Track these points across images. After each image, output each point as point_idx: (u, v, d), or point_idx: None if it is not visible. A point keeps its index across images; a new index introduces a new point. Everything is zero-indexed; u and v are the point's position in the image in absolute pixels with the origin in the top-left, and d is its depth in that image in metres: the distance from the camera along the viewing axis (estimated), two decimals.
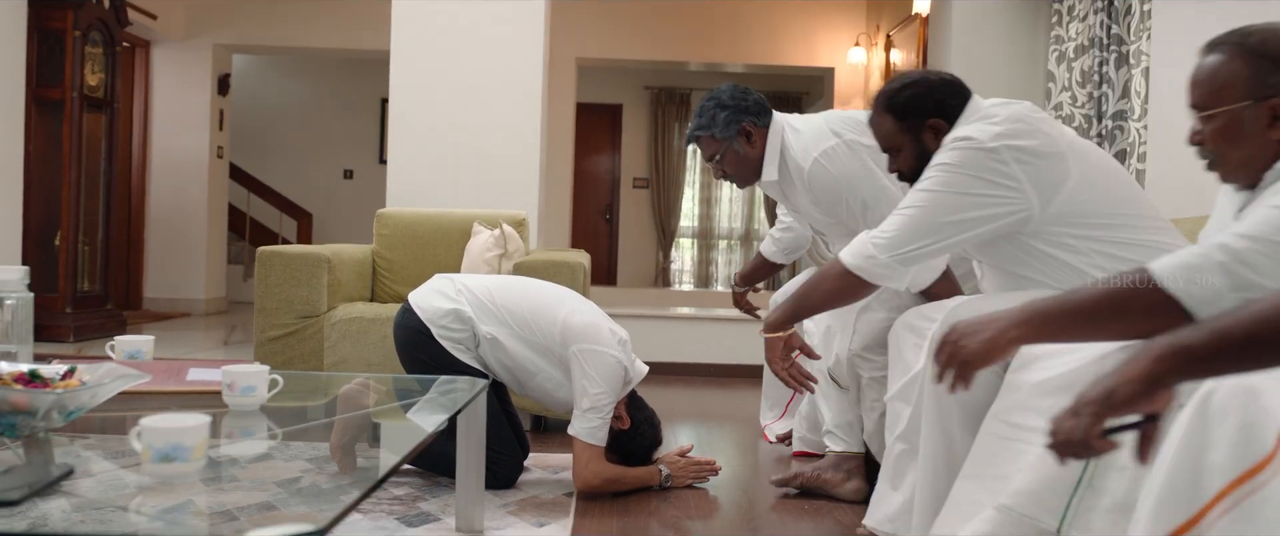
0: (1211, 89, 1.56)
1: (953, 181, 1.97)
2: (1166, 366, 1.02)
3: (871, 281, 2.06)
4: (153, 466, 1.33)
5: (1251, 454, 0.97)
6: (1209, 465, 1.00)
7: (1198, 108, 1.59)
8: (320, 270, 3.48)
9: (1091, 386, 1.07)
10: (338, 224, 9.28)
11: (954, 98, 2.15)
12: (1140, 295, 1.33)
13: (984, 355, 1.40)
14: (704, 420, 3.95)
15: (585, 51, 7.60)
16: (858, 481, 2.75)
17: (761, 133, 2.73)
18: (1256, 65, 1.52)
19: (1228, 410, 0.99)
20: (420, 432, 1.84)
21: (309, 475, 1.66)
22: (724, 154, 2.74)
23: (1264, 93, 1.52)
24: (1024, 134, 1.97)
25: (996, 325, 1.40)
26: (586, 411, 2.55)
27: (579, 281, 3.42)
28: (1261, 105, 1.51)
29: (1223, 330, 1.00)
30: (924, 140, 2.16)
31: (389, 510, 2.46)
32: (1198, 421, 1.03)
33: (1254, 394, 0.99)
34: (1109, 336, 1.41)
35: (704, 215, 10.42)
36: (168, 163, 7.51)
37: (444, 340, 2.63)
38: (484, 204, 4.50)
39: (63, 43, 5.47)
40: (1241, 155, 1.54)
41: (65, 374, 1.63)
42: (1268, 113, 1.51)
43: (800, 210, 2.82)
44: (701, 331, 5.27)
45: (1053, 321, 1.38)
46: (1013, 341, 1.39)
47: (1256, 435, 0.96)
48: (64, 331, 5.44)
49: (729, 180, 2.82)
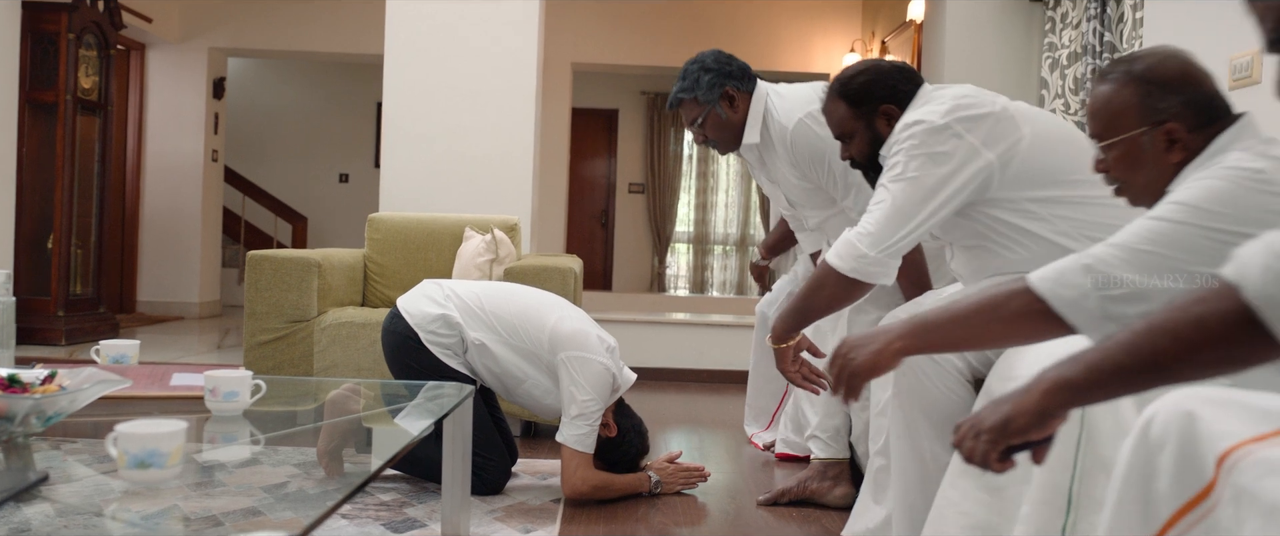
0: (1107, 119, 1.63)
1: (915, 165, 2.00)
2: (1053, 400, 1.08)
3: (867, 281, 2.06)
4: (129, 472, 1.32)
5: (1194, 481, 0.98)
6: (1155, 494, 1.02)
7: (1098, 138, 1.65)
8: (310, 275, 3.47)
9: (990, 411, 1.12)
10: (333, 228, 9.27)
11: (906, 84, 2.18)
12: (1014, 299, 1.39)
13: (870, 367, 1.46)
14: (695, 426, 3.94)
15: (581, 56, 7.60)
16: (844, 486, 2.75)
17: (744, 97, 2.72)
18: (1145, 91, 1.58)
19: (1166, 439, 1.01)
20: (406, 438, 1.83)
21: (296, 480, 1.66)
22: (706, 118, 2.73)
23: (1157, 118, 1.58)
24: (970, 105, 2.02)
25: (883, 338, 1.46)
26: (574, 418, 2.55)
27: (570, 287, 3.41)
28: (1157, 130, 1.58)
29: (1096, 363, 1.05)
30: (877, 127, 2.20)
31: (375, 516, 2.45)
32: (1140, 450, 1.05)
33: (1191, 419, 1.00)
34: (990, 342, 1.48)
35: (699, 220, 10.42)
36: (162, 166, 7.50)
37: (432, 345, 2.62)
38: (477, 208, 4.49)
39: (57, 45, 5.46)
40: (1144, 180, 1.61)
41: (45, 379, 1.62)
42: (1164, 137, 1.57)
43: (777, 180, 2.80)
44: (696, 337, 5.26)
45: (935, 331, 1.44)
46: (898, 352, 1.45)
47: (1195, 463, 0.98)
48: (56, 334, 5.43)
49: (710, 145, 2.80)
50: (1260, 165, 1.48)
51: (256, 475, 1.70)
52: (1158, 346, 1.00)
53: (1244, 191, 1.45)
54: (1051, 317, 1.39)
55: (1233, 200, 1.45)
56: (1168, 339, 0.99)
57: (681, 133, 10.17)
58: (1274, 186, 1.45)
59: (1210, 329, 0.96)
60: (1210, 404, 1.00)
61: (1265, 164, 1.48)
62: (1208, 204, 1.45)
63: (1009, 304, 1.40)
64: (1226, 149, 1.54)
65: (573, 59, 7.58)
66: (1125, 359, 1.03)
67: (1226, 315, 0.95)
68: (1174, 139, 1.57)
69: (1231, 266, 0.96)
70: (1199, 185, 1.49)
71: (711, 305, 9.03)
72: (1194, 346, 0.98)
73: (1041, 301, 1.38)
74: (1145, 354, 1.01)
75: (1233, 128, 1.57)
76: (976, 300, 1.43)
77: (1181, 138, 1.57)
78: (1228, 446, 0.95)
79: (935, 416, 1.95)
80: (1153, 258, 1.42)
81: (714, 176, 10.40)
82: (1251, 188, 1.45)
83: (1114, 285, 1.39)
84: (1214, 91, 1.60)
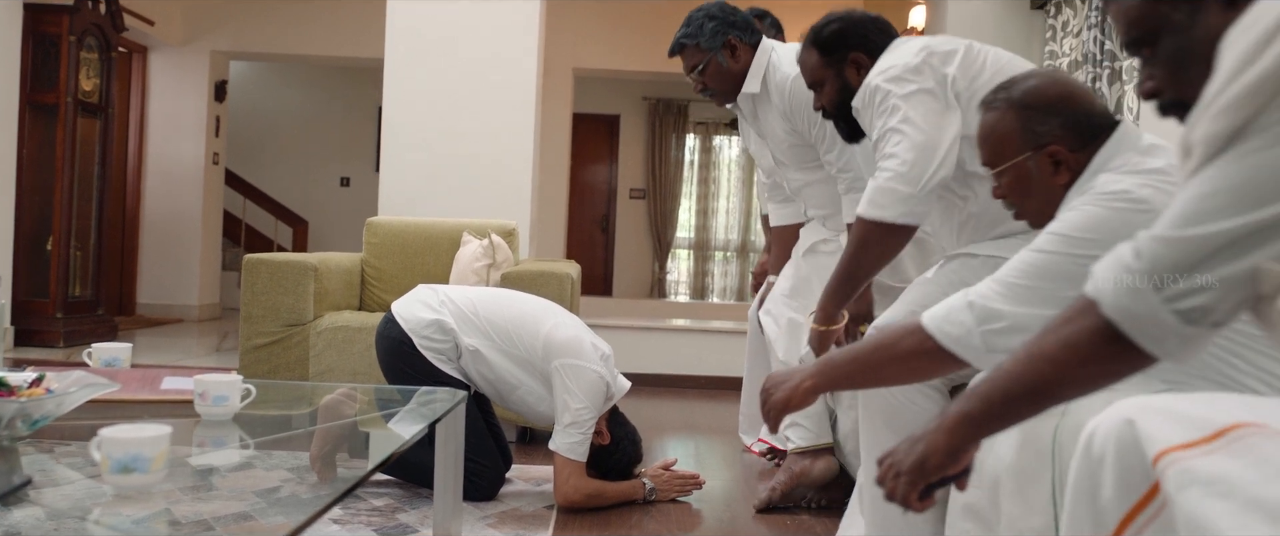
0: (993, 146, 1.68)
1: (914, 102, 2.00)
2: (959, 436, 1.12)
3: (912, 222, 2.03)
4: (112, 476, 1.31)
5: (1138, 484, 0.99)
6: (1103, 505, 1.03)
7: (988, 166, 1.70)
8: (306, 278, 3.47)
9: (906, 452, 1.16)
10: (334, 232, 9.27)
11: (878, 35, 2.20)
12: (907, 337, 1.46)
13: (785, 404, 1.53)
14: (691, 433, 3.93)
15: (582, 61, 7.59)
16: (826, 460, 2.77)
17: (747, 50, 2.72)
18: (1026, 117, 1.63)
19: (1105, 451, 1.03)
20: (398, 442, 1.83)
21: (289, 485, 1.65)
22: (707, 65, 2.72)
23: (1039, 142, 1.62)
24: (938, 45, 2.07)
25: (797, 377, 1.53)
26: (568, 426, 2.54)
27: (567, 292, 3.40)
28: (1041, 154, 1.62)
29: (988, 395, 1.09)
30: (846, 75, 2.21)
31: (367, 521, 2.44)
32: (1084, 464, 1.06)
33: (1130, 427, 1.01)
34: (892, 380, 1.58)
35: (701, 226, 10.41)
36: (163, 168, 7.49)
37: (426, 351, 2.61)
38: (477, 213, 4.48)
39: (58, 47, 5.46)
40: (1036, 204, 1.66)
41: (33, 382, 1.61)
42: (1048, 160, 1.62)
43: (766, 134, 2.80)
44: (695, 343, 5.25)
45: (840, 370, 1.51)
46: (809, 391, 1.52)
47: (1136, 466, 1.00)
48: (54, 336, 5.42)
49: (708, 94, 2.80)
50: (1125, 185, 1.52)
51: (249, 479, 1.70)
52: (1038, 372, 1.03)
53: (1112, 214, 1.50)
54: (943, 353, 1.45)
55: (1101, 225, 1.50)
56: (1045, 363, 1.03)
57: (683, 138, 10.17)
58: (1141, 204, 1.50)
59: (1079, 348, 0.99)
60: (1149, 411, 1.01)
61: (1130, 182, 1.53)
62: (1077, 232, 1.50)
63: (902, 343, 1.47)
64: (1104, 165, 1.59)
65: (574, 64, 7.58)
66: (1013, 387, 1.06)
67: (1090, 332, 0.98)
68: (1058, 160, 1.62)
69: (1090, 282, 0.99)
70: (1071, 214, 1.54)
71: (712, 311, 9.02)
72: (1068, 366, 1.01)
73: (931, 339, 1.45)
74: (1028, 381, 1.05)
75: (1110, 142, 1.61)
76: (876, 340, 1.50)
77: (1065, 159, 1.62)
78: (1158, 450, 0.97)
79: (897, 425, 1.96)
80: (1027, 291, 1.47)
81: (715, 182, 10.39)
82: (1120, 209, 1.50)
83: (994, 319, 1.45)
84: (1093, 108, 1.63)
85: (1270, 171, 0.84)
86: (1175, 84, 1.04)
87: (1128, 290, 0.94)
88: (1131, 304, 0.94)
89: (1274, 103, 0.83)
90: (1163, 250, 0.91)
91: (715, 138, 10.34)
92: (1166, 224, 0.92)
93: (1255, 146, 0.85)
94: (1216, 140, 0.87)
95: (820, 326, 2.22)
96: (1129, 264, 0.94)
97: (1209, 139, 0.88)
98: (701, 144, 10.34)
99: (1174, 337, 0.92)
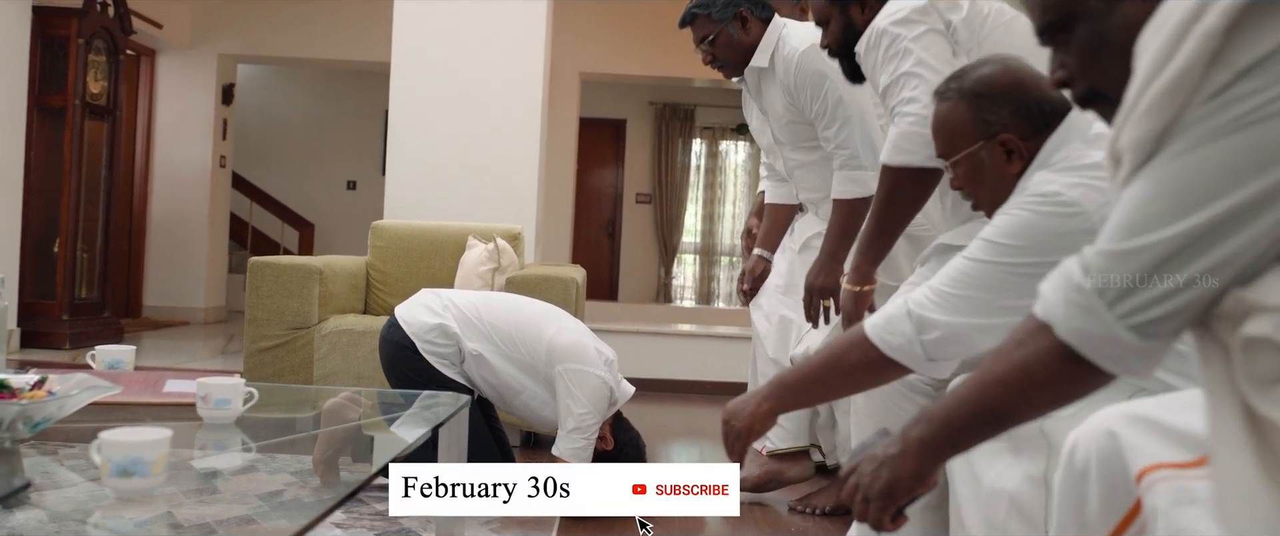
0: (947, 137, 1.67)
1: (918, 42, 2.00)
2: (923, 459, 1.10)
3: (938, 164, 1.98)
4: (111, 479, 1.31)
5: (1122, 501, 0.99)
6: (1088, 518, 1.03)
7: (943, 157, 1.69)
8: (311, 281, 3.47)
9: (871, 475, 1.13)
10: (340, 235, 9.28)
11: None
12: (853, 350, 1.48)
13: (746, 432, 1.53)
14: (696, 438, 3.92)
15: (589, 66, 7.60)
16: (804, 462, 2.85)
17: (758, 24, 2.72)
18: (977, 106, 1.62)
19: (1089, 464, 1.02)
20: (400, 447, 1.82)
21: (292, 488, 1.65)
22: (717, 36, 2.72)
23: (990, 130, 1.61)
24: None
25: (753, 402, 1.54)
26: (571, 432, 2.53)
27: (572, 297, 3.39)
28: (993, 143, 1.61)
29: (947, 419, 1.07)
30: (851, 14, 2.20)
31: (371, 525, 2.44)
32: (1068, 477, 1.06)
33: (1112, 438, 1.01)
34: (844, 392, 1.59)
35: (706, 231, 10.40)
36: (170, 171, 7.51)
37: (429, 355, 2.61)
38: (483, 217, 4.48)
39: (66, 50, 5.48)
40: (989, 194, 1.65)
41: (36, 384, 1.61)
42: (1000, 149, 1.61)
43: (767, 109, 2.80)
44: (700, 348, 5.24)
45: (793, 389, 1.52)
46: (767, 414, 1.52)
47: (1120, 481, 0.99)
48: (60, 338, 5.43)
49: (717, 66, 2.80)
50: (1055, 187, 1.50)
51: (252, 483, 1.70)
52: (994, 397, 1.01)
53: (1040, 219, 1.49)
54: (888, 363, 1.46)
55: (1030, 231, 1.49)
56: (1001, 388, 1.00)
57: (690, 143, 10.17)
58: (1070, 207, 1.48)
59: (1035, 373, 0.96)
60: (1130, 422, 1.00)
61: (1062, 183, 1.51)
62: (1006, 239, 1.50)
63: (849, 355, 1.48)
64: (1050, 155, 1.58)
65: (580, 68, 7.58)
66: (972, 412, 1.04)
67: (1045, 356, 0.95)
68: (1010, 149, 1.61)
69: (1038, 304, 0.95)
70: (1001, 219, 1.53)
71: (717, 317, 9.00)
72: (1025, 391, 0.98)
73: (876, 349, 1.46)
74: (986, 407, 1.02)
75: (1059, 130, 1.59)
76: (825, 354, 1.51)
77: (1016, 147, 1.60)
78: (1144, 465, 0.96)
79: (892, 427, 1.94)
80: (960, 300, 1.47)
81: (722, 187, 10.39)
82: (1048, 213, 1.48)
83: (930, 328, 1.45)
84: (1045, 96, 1.61)
85: (1200, 173, 0.81)
86: (1088, 72, 1.02)
87: (1080, 311, 0.90)
88: (1085, 325, 0.90)
89: (1193, 100, 0.81)
90: (1109, 264, 0.88)
91: (722, 142, 10.34)
92: (1109, 237, 0.88)
93: (1181, 148, 0.82)
94: (1144, 144, 0.85)
95: (854, 287, 2.17)
96: (1078, 283, 0.90)
97: (1136, 144, 0.85)
98: (708, 149, 10.33)
99: (1133, 355, 0.89)
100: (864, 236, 2.15)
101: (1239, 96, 0.79)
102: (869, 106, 2.58)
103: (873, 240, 2.13)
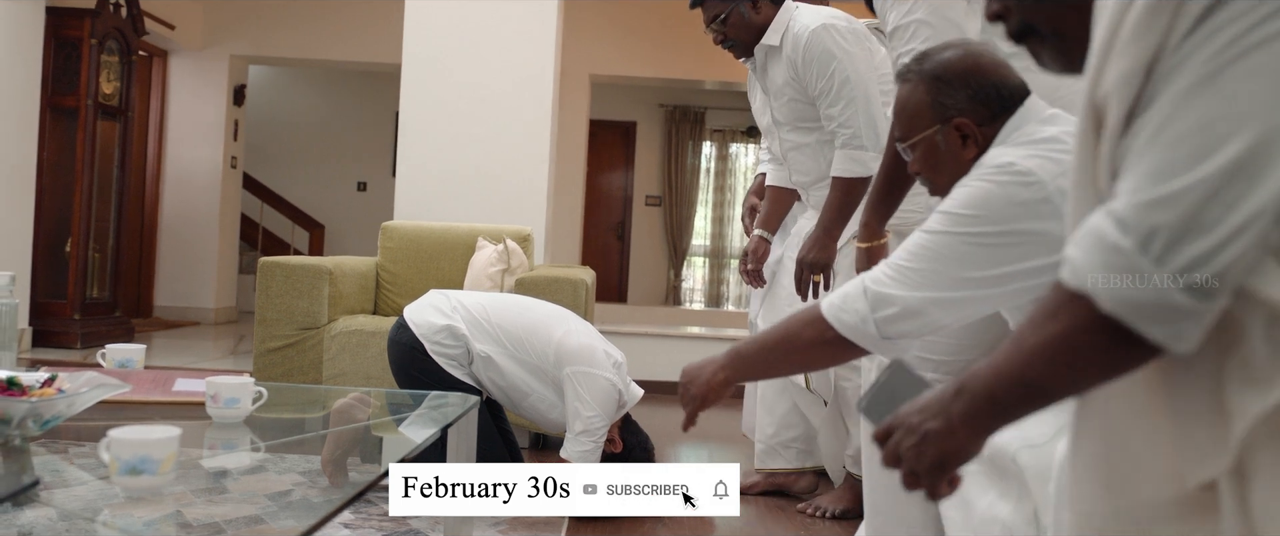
0: (905, 120, 1.66)
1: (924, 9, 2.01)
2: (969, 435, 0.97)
3: None
4: (121, 478, 1.31)
5: None
6: None
7: (901, 140, 1.67)
8: (321, 282, 3.47)
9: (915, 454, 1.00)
10: (351, 236, 9.30)
11: None
12: (808, 328, 1.47)
13: (702, 397, 1.57)
14: (704, 441, 3.91)
15: (599, 68, 7.60)
16: (808, 478, 2.93)
17: (769, 5, 2.72)
18: (935, 89, 1.61)
19: None
20: (408, 447, 1.82)
21: (300, 489, 1.65)
22: (729, 15, 2.71)
23: (946, 114, 1.60)
24: None
25: (709, 369, 1.57)
26: (579, 434, 2.53)
27: (581, 298, 3.39)
28: (948, 127, 1.60)
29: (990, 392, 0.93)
30: None
31: (378, 526, 2.44)
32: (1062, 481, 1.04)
33: None
34: (797, 368, 1.60)
35: (716, 234, 10.39)
36: (181, 172, 7.54)
37: (438, 356, 2.61)
38: (492, 218, 4.48)
39: (79, 51, 5.51)
40: (946, 179, 1.62)
41: (45, 382, 1.61)
42: (956, 134, 1.60)
43: (770, 91, 2.80)
44: (710, 351, 5.16)
45: (748, 360, 1.54)
46: (723, 382, 1.55)
47: None
48: (71, 338, 5.46)
49: (726, 46, 2.79)
50: (1010, 157, 1.49)
51: (261, 483, 1.70)
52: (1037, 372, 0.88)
53: (997, 188, 1.47)
54: (843, 342, 1.45)
55: (986, 201, 1.47)
56: (1044, 365, 0.87)
57: (700, 145, 10.16)
58: (1025, 176, 1.46)
59: (1078, 350, 0.84)
60: None
61: (1016, 154, 1.50)
62: (963, 209, 1.48)
63: (804, 333, 1.47)
64: (1005, 139, 1.57)
65: (591, 71, 7.58)
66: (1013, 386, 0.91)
67: (1086, 330, 0.82)
68: (965, 134, 1.60)
69: (1068, 272, 0.82)
70: (958, 190, 1.52)
71: (727, 319, 8.99)
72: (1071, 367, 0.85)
73: (831, 328, 1.45)
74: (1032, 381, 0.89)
75: (1016, 115, 1.58)
76: (781, 329, 1.50)
77: (972, 132, 1.59)
78: None
79: None
80: (917, 273, 1.45)
81: (731, 190, 10.37)
82: (1004, 182, 1.47)
83: (885, 304, 1.44)
84: (1004, 81, 1.60)
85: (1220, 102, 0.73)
86: (1022, 5, 0.97)
87: (1123, 274, 0.77)
88: (1134, 292, 0.77)
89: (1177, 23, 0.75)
90: (1148, 214, 0.75)
91: (732, 144, 10.33)
92: (1138, 187, 0.76)
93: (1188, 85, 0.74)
94: (1132, 78, 0.77)
95: (864, 243, 2.15)
96: (1115, 242, 0.77)
97: (1124, 78, 0.78)
98: (718, 151, 10.32)
99: (1190, 320, 0.76)
100: (873, 192, 2.12)
101: (1231, 17, 0.73)
102: (875, 89, 2.59)
103: (882, 196, 2.10)
